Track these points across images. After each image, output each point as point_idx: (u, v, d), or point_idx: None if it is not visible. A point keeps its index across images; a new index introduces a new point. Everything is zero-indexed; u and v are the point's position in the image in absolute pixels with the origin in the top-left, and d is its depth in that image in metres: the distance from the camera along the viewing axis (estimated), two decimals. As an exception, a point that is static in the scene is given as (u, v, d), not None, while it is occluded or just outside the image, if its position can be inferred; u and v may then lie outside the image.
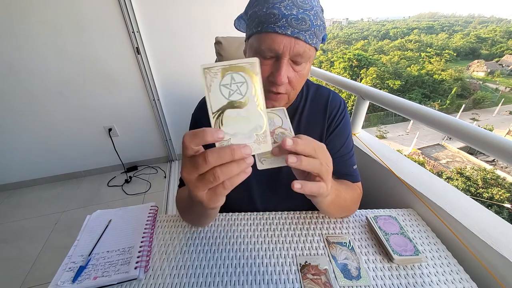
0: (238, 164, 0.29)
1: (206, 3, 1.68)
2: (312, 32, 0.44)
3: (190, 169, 0.29)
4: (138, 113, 1.95)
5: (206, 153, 0.28)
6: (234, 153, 0.28)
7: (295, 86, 0.49)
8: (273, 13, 0.42)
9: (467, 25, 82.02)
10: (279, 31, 0.42)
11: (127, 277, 0.47)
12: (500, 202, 8.51)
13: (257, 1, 0.46)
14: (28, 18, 1.45)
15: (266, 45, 0.44)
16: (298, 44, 0.43)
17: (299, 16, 0.42)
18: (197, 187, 0.30)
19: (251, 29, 0.47)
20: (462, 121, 0.65)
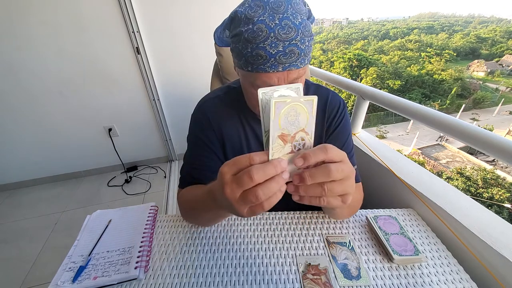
0: (277, 183, 0.29)
1: (206, 3, 1.69)
2: (303, 57, 0.43)
3: (235, 188, 0.29)
4: (138, 113, 1.95)
5: (252, 171, 0.28)
6: (276, 169, 0.29)
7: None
8: (259, 54, 0.41)
9: (467, 25, 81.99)
10: (270, 70, 0.42)
11: (127, 277, 0.47)
12: (500, 202, 8.50)
13: (237, 37, 0.44)
14: (28, 18, 1.45)
15: (260, 82, 0.45)
16: (291, 73, 0.44)
17: (286, 50, 0.41)
18: (240, 205, 0.30)
19: (240, 65, 0.47)
20: (462, 121, 0.65)
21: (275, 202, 0.30)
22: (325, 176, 0.30)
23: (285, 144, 0.31)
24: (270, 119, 0.29)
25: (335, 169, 0.31)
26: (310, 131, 0.32)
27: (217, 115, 0.60)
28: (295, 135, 0.32)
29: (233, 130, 0.60)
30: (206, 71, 1.12)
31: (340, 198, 0.33)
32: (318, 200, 0.32)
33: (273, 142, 0.30)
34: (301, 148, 0.32)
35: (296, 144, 0.32)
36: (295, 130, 0.31)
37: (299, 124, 0.31)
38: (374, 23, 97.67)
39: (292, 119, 0.30)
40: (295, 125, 0.31)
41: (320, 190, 0.31)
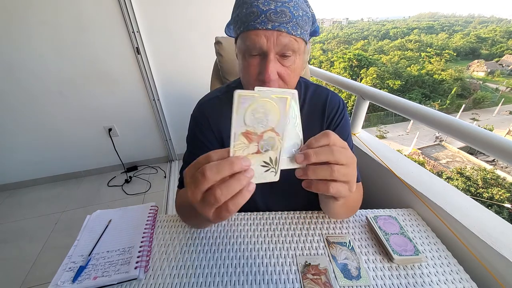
0: (238, 180, 0.27)
1: (206, 3, 1.69)
2: (295, 23, 0.43)
3: (194, 189, 0.28)
4: (138, 113, 1.95)
5: (205, 169, 0.26)
6: (233, 165, 0.27)
7: (288, 81, 0.49)
8: (252, 11, 0.43)
9: (467, 25, 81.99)
10: (260, 27, 0.42)
11: (127, 277, 0.47)
12: (500, 202, 8.51)
13: (238, 4, 0.47)
14: (28, 18, 1.45)
15: (250, 42, 0.44)
16: (281, 36, 0.43)
17: (277, 9, 0.42)
18: (203, 207, 0.29)
19: (236, 32, 0.48)
20: (462, 121, 0.65)
21: (241, 203, 0.28)
22: (329, 154, 0.31)
23: (249, 142, 0.29)
24: (233, 114, 0.27)
25: (338, 149, 0.32)
26: (280, 131, 0.30)
27: (217, 115, 0.60)
28: (263, 134, 0.29)
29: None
30: (206, 71, 1.12)
31: (347, 186, 0.33)
32: (327, 186, 0.32)
33: (235, 139, 0.28)
34: (269, 149, 0.30)
35: (264, 145, 0.29)
36: (262, 129, 0.29)
37: (268, 123, 0.29)
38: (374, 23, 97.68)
39: (260, 116, 0.28)
40: (263, 123, 0.28)
41: (329, 170, 0.31)
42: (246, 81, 0.51)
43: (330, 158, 0.31)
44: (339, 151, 0.32)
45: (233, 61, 0.93)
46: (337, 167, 0.31)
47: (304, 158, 0.31)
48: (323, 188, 0.32)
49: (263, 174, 0.31)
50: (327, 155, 0.31)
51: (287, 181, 0.63)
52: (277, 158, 0.31)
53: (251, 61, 0.47)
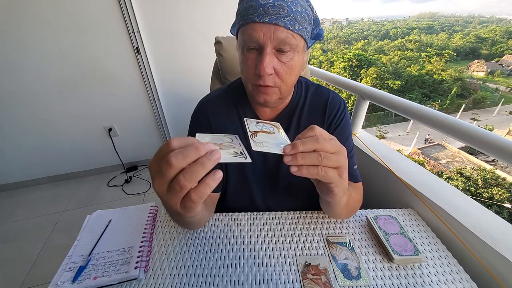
0: (201, 164, 0.26)
1: (206, 3, 1.69)
2: (292, 18, 0.43)
3: (159, 179, 0.27)
4: (138, 113, 1.95)
5: (169, 156, 0.26)
6: (199, 151, 0.26)
7: (284, 78, 0.48)
8: (251, 5, 0.43)
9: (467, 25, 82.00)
10: (257, 20, 0.43)
11: (127, 277, 0.47)
12: (500, 202, 8.50)
13: (240, 1, 0.47)
14: (28, 18, 1.45)
15: (247, 36, 0.45)
16: (278, 30, 0.43)
17: (275, 3, 0.42)
18: (169, 198, 0.28)
19: (236, 27, 0.48)
20: (462, 121, 0.65)
21: (205, 192, 0.27)
22: (315, 143, 0.33)
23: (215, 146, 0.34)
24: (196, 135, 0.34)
25: (323, 139, 0.34)
26: (237, 144, 0.36)
27: (217, 115, 0.60)
28: (222, 144, 0.35)
29: (232, 130, 0.60)
30: (206, 71, 1.12)
31: (336, 171, 0.35)
32: (316, 170, 0.33)
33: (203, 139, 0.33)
34: (231, 147, 0.35)
35: (224, 146, 0.34)
36: (220, 142, 0.35)
37: (223, 141, 0.36)
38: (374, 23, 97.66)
39: (216, 138, 0.36)
40: (220, 141, 0.36)
41: (316, 156, 0.33)
42: (244, 76, 0.51)
43: (317, 146, 0.33)
44: (325, 140, 0.34)
45: (233, 61, 0.93)
46: (324, 153, 0.33)
47: (292, 148, 0.32)
48: (312, 171, 0.33)
49: (233, 158, 0.32)
50: (313, 144, 0.33)
51: (287, 181, 0.64)
52: (242, 150, 0.34)
53: (248, 55, 0.47)
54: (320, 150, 0.33)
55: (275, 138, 0.38)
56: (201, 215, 0.49)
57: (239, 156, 0.33)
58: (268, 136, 0.38)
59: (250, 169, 0.62)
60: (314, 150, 0.33)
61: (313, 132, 0.35)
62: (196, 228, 0.58)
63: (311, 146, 0.33)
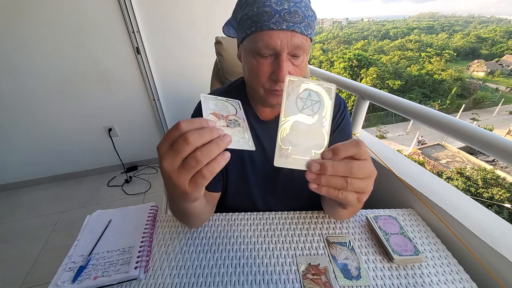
0: (217, 144, 0.29)
1: (206, 3, 1.68)
2: (306, 23, 0.44)
3: (172, 157, 0.29)
4: (138, 113, 1.95)
5: (187, 134, 0.28)
6: (212, 132, 0.29)
7: None
8: (265, 11, 0.42)
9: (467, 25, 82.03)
10: (274, 27, 0.42)
11: (127, 277, 0.47)
12: (500, 202, 8.50)
13: (245, 3, 0.46)
14: (28, 18, 1.45)
15: (263, 43, 0.44)
16: (295, 36, 0.43)
17: (291, 9, 0.42)
18: (180, 175, 0.29)
19: (244, 31, 0.46)
20: (462, 121, 0.64)
21: (215, 169, 0.29)
22: (347, 171, 0.30)
23: (218, 119, 0.34)
24: (202, 105, 0.35)
25: (358, 166, 0.30)
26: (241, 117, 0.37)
27: None
28: (228, 116, 0.36)
29: None
30: (206, 71, 1.12)
31: (356, 195, 0.32)
32: (336, 192, 0.31)
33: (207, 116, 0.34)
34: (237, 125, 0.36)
35: (230, 122, 0.35)
36: (226, 113, 0.36)
37: (229, 111, 0.37)
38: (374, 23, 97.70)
39: (221, 107, 0.37)
40: (225, 111, 0.36)
41: (342, 182, 0.30)
42: (256, 81, 0.50)
43: (347, 175, 0.30)
44: (359, 167, 0.30)
45: (233, 61, 0.93)
46: (351, 180, 0.30)
47: (320, 169, 0.30)
48: (332, 193, 0.31)
49: (238, 143, 0.33)
50: (345, 171, 0.30)
51: (287, 181, 0.64)
52: (246, 134, 0.35)
53: (262, 61, 0.46)
54: (349, 176, 0.30)
55: (312, 135, 0.33)
56: (202, 206, 0.49)
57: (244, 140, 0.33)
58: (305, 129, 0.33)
59: (250, 169, 0.62)
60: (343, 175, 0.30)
61: (355, 150, 0.31)
62: (195, 223, 0.58)
63: (342, 172, 0.30)
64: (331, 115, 0.33)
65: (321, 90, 0.32)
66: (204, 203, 0.50)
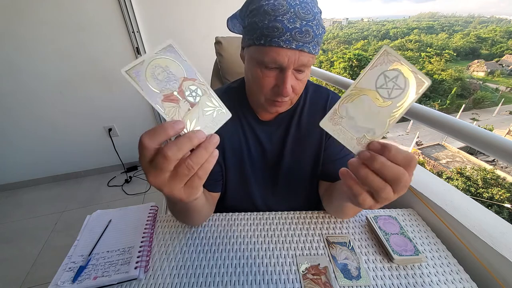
0: (205, 149, 0.28)
1: (206, 3, 1.69)
2: (315, 43, 0.44)
3: (156, 173, 0.27)
4: (138, 113, 1.95)
5: (164, 150, 0.26)
6: (192, 140, 0.27)
7: (298, 92, 0.50)
8: (276, 26, 0.41)
9: (467, 25, 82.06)
10: (284, 45, 0.42)
11: (127, 277, 0.47)
12: (500, 202, 8.51)
13: (256, 10, 0.44)
14: (28, 18, 1.45)
15: (270, 58, 0.44)
16: (302, 55, 0.43)
17: (303, 29, 0.41)
18: (172, 185, 0.28)
19: (252, 40, 0.46)
20: (462, 121, 0.64)
21: (209, 169, 0.29)
22: (395, 177, 0.27)
23: (177, 103, 0.28)
24: (139, 91, 0.26)
25: (406, 178, 0.28)
26: (192, 76, 0.29)
27: None
28: (181, 88, 0.28)
29: (233, 131, 0.60)
30: (206, 71, 1.12)
31: (373, 202, 0.30)
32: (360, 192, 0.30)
33: (162, 109, 0.27)
34: (199, 95, 0.29)
35: (191, 95, 0.29)
36: (176, 84, 0.28)
37: (177, 75, 0.28)
38: (374, 23, 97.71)
39: (164, 75, 0.27)
40: (171, 79, 0.28)
41: (379, 186, 0.28)
42: (258, 91, 0.50)
43: (390, 179, 0.28)
44: (406, 180, 0.28)
45: (233, 61, 0.93)
46: (388, 190, 0.28)
47: (369, 159, 0.28)
48: (356, 190, 0.30)
49: (214, 120, 0.30)
50: (390, 175, 0.27)
51: (287, 180, 0.64)
52: (213, 101, 0.30)
53: (266, 72, 0.46)
54: (390, 183, 0.28)
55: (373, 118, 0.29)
56: (202, 203, 0.49)
57: (217, 113, 0.29)
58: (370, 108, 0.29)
59: (250, 168, 0.62)
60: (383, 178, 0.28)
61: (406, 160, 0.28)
62: (195, 221, 0.58)
63: (387, 175, 0.27)
64: (406, 109, 0.28)
65: (412, 79, 0.28)
66: (203, 200, 0.50)
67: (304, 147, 0.61)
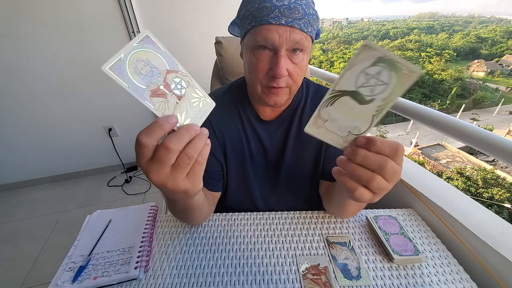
0: (200, 138, 0.29)
1: (206, 3, 1.69)
2: (306, 21, 0.44)
3: (158, 168, 0.28)
4: (138, 113, 1.95)
5: (166, 143, 0.27)
6: (190, 131, 0.28)
7: (295, 78, 0.49)
8: (265, 6, 0.42)
9: (467, 25, 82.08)
10: (273, 21, 0.42)
11: (127, 277, 0.47)
12: (500, 202, 8.51)
13: (247, 1, 0.46)
14: (28, 18, 1.45)
15: (261, 37, 0.44)
16: (294, 32, 0.43)
17: (291, 5, 0.42)
18: (175, 177, 0.28)
19: (245, 27, 0.47)
20: (462, 121, 0.65)
21: (207, 154, 0.30)
22: (379, 166, 0.29)
23: (165, 97, 0.28)
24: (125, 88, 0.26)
25: (392, 167, 0.29)
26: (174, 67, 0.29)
27: (219, 116, 0.60)
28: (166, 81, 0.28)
29: (234, 131, 0.60)
30: (206, 71, 1.12)
31: (371, 195, 0.31)
32: (355, 187, 0.30)
33: (152, 105, 0.27)
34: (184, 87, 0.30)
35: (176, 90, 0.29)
36: (160, 77, 0.28)
37: (159, 69, 0.28)
38: (374, 23, 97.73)
39: (147, 69, 0.27)
40: (155, 73, 0.27)
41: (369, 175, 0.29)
42: (254, 78, 0.49)
43: (375, 168, 0.29)
44: (393, 168, 0.29)
45: (233, 61, 0.93)
46: (379, 179, 0.29)
47: (351, 153, 0.29)
48: (350, 186, 0.31)
49: (201, 111, 0.31)
50: (377, 166, 0.29)
51: (287, 180, 0.64)
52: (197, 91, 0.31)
53: (260, 56, 0.46)
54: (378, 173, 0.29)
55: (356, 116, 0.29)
56: (202, 200, 0.49)
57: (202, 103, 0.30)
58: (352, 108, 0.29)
59: (251, 169, 0.62)
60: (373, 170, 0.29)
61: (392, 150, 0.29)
62: (196, 219, 0.57)
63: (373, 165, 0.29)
64: (392, 103, 0.28)
65: (399, 72, 0.26)
66: (203, 197, 0.50)
67: (305, 147, 0.61)
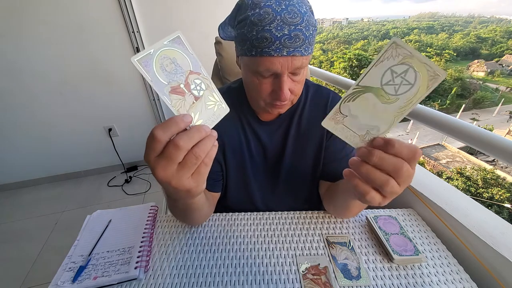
0: (209, 139, 0.29)
1: (206, 3, 1.68)
2: (307, 44, 0.43)
3: (165, 165, 0.28)
4: (138, 113, 1.95)
5: (176, 140, 0.27)
6: (200, 132, 0.29)
7: (297, 93, 0.50)
8: (264, 36, 0.41)
9: (467, 25, 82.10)
10: (275, 54, 0.42)
11: (127, 277, 0.47)
12: (500, 202, 8.51)
13: (243, 21, 0.44)
14: (28, 18, 1.45)
15: (263, 68, 0.44)
16: (295, 60, 0.43)
17: (291, 34, 0.41)
18: (181, 176, 0.29)
19: (243, 51, 0.46)
20: (462, 121, 0.65)
21: (213, 156, 0.30)
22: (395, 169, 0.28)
23: (183, 95, 0.29)
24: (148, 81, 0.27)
25: (407, 170, 0.28)
26: (197, 69, 0.30)
27: None
28: (187, 80, 0.29)
29: (234, 132, 0.60)
30: (206, 71, 1.12)
31: (381, 198, 0.30)
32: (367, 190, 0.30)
33: (169, 101, 0.28)
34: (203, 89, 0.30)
35: (194, 90, 0.30)
36: (183, 76, 0.29)
37: (183, 69, 0.29)
38: (374, 23, 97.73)
39: (171, 67, 0.28)
40: (179, 71, 0.28)
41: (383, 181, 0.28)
42: (257, 96, 0.51)
43: (391, 171, 0.28)
44: (409, 172, 0.28)
45: (233, 61, 0.93)
46: (393, 183, 0.28)
47: (367, 155, 0.28)
48: (362, 189, 0.30)
49: (215, 114, 0.32)
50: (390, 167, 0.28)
51: (287, 180, 0.64)
52: (214, 95, 0.32)
53: (263, 80, 0.47)
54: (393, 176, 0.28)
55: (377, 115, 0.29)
56: (202, 200, 0.49)
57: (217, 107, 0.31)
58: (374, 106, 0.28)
59: (251, 168, 0.62)
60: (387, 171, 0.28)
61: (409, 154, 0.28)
62: (197, 220, 0.57)
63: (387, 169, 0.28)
64: (415, 104, 0.27)
65: (424, 73, 0.26)
66: (203, 198, 0.50)
67: (305, 146, 0.61)
